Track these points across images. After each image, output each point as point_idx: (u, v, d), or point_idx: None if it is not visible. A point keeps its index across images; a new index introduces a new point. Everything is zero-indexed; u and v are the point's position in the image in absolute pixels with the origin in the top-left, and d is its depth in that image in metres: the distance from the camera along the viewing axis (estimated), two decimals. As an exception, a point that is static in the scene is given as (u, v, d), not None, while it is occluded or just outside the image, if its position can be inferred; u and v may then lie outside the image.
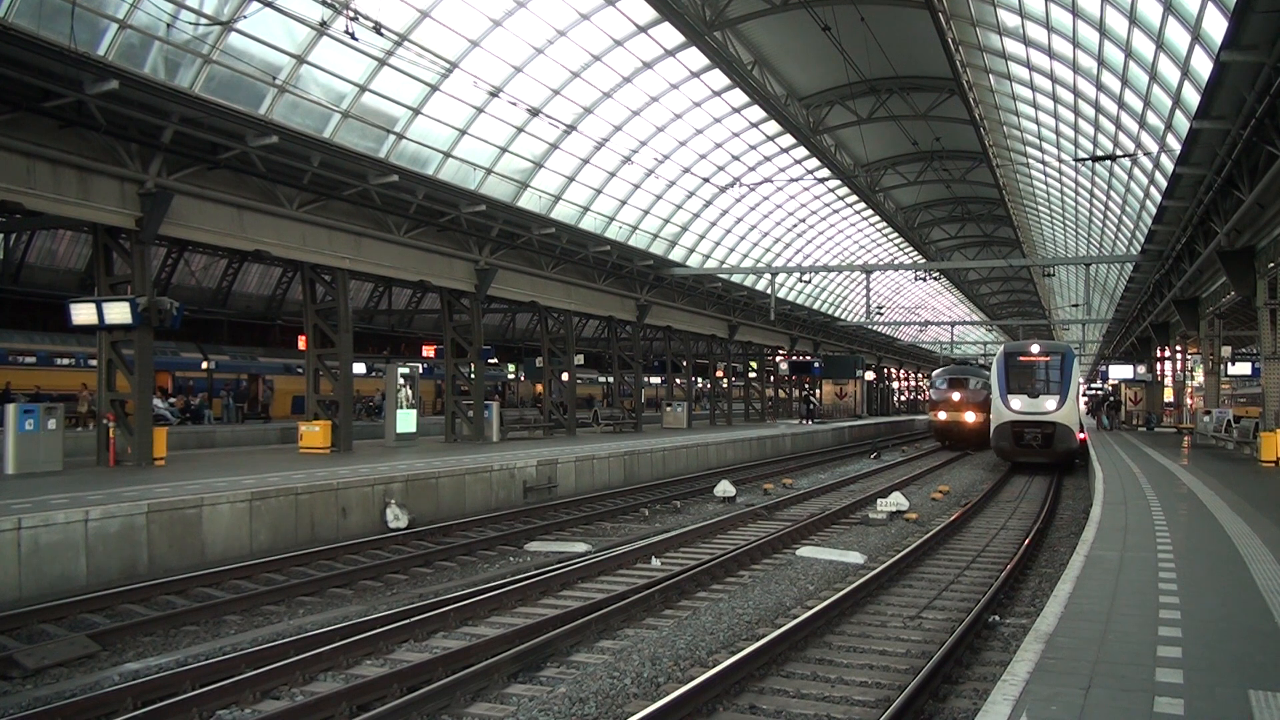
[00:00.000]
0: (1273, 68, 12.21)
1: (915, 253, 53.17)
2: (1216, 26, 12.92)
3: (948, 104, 30.00)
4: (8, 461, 15.69)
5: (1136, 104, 19.96)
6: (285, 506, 13.78)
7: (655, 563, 12.92)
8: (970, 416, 37.09)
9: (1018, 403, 27.41)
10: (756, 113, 29.77)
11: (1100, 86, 21.25)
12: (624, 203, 31.27)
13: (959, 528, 16.12)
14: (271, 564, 12.32)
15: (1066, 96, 24.18)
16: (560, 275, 29.99)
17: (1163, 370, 43.46)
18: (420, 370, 33.20)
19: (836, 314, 55.96)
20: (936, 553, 13.82)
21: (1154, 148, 21.06)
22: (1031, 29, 21.62)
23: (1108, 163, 25.10)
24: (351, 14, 15.65)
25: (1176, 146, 17.76)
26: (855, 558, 13.10)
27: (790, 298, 47.30)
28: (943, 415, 38.33)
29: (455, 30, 20.54)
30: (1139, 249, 28.31)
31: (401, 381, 24.70)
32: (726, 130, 30.89)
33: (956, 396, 37.80)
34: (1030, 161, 34.51)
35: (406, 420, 24.48)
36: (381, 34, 16.82)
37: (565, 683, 7.63)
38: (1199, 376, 36.91)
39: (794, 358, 51.27)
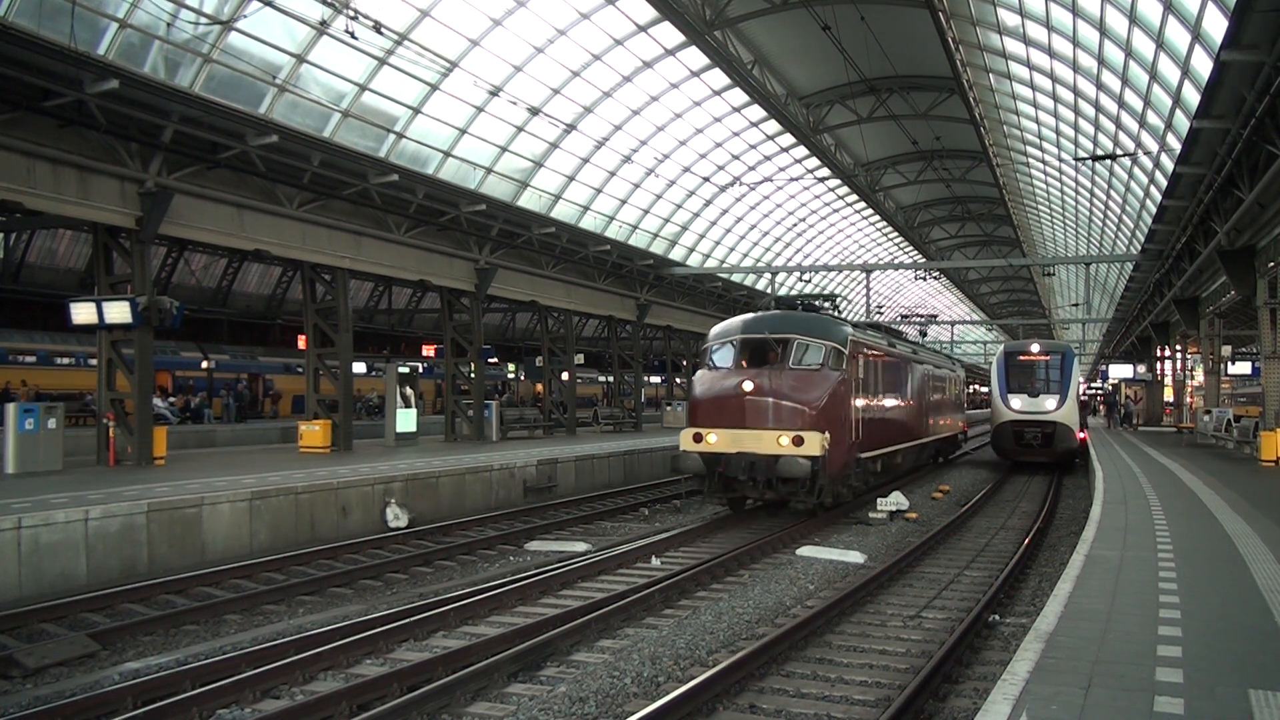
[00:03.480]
0: (1273, 67, 12.21)
1: (915, 252, 53.19)
2: (1216, 26, 12.93)
3: (948, 103, 30.00)
4: (8, 461, 15.70)
5: (1136, 103, 19.96)
6: (285, 506, 13.78)
7: (655, 562, 12.92)
8: (785, 439, 14.98)
9: (1018, 402, 27.40)
10: (756, 112, 29.77)
11: (1100, 86, 21.25)
12: (624, 202, 31.27)
13: (959, 527, 16.12)
14: (271, 563, 12.32)
15: (1066, 96, 24.18)
16: (560, 275, 29.99)
17: (1163, 370, 43.46)
18: (420, 370, 33.23)
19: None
20: (937, 552, 13.82)
21: (1154, 147, 21.06)
22: (1031, 28, 21.63)
23: (1108, 162, 25.10)
24: (351, 13, 15.65)
25: (1176, 146, 17.76)
26: (855, 557, 13.09)
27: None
28: (714, 437, 15.59)
29: (455, 29, 20.55)
30: (1139, 248, 28.31)
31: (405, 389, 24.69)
32: (726, 129, 30.89)
33: (750, 386, 15.50)
34: (1030, 161, 34.52)
35: (406, 420, 24.48)
36: (381, 33, 16.83)
37: (565, 682, 7.63)
38: (1199, 376, 36.89)
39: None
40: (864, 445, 17.07)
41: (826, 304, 19.66)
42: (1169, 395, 43.23)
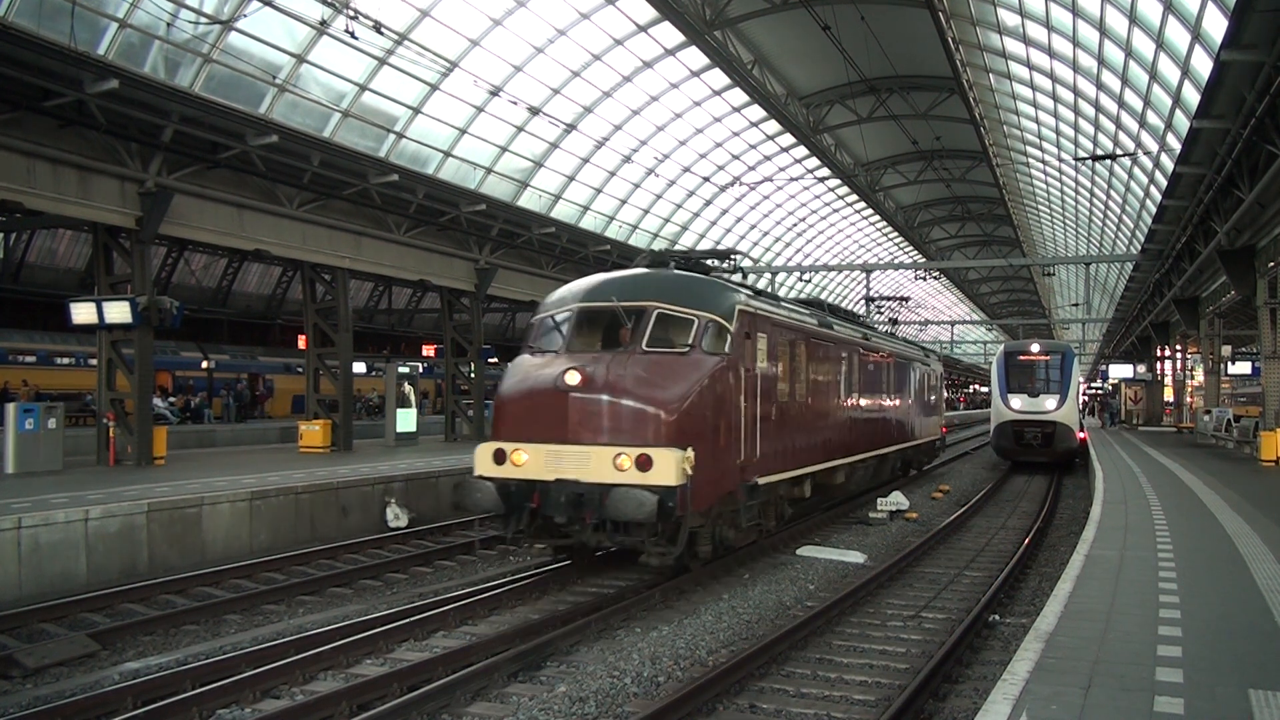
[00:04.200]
0: (1273, 67, 12.21)
1: (915, 252, 53.21)
2: (1216, 26, 12.94)
3: (948, 103, 30.01)
4: (8, 461, 15.69)
5: (1136, 103, 19.97)
6: (285, 506, 13.78)
7: (653, 561, 12.85)
8: (626, 460, 9.75)
9: (1018, 402, 27.40)
10: (756, 112, 29.78)
11: (1100, 86, 21.26)
12: (624, 202, 31.28)
13: (959, 527, 16.12)
14: (271, 563, 12.32)
15: (1066, 96, 24.19)
16: (560, 274, 29.93)
17: (1163, 369, 43.47)
18: (420, 369, 33.23)
19: (836, 313, 55.98)
20: (937, 552, 13.82)
21: (1154, 147, 21.07)
22: (1031, 28, 21.64)
23: (1108, 162, 25.11)
24: (351, 13, 15.65)
25: (1176, 146, 17.77)
26: (855, 557, 13.09)
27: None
28: (524, 456, 10.17)
29: (455, 29, 20.57)
30: (1139, 248, 28.31)
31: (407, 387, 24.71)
32: (726, 129, 30.91)
33: (576, 378, 10.04)
34: (1030, 161, 34.53)
35: (406, 420, 24.49)
36: (381, 33, 16.83)
37: (565, 682, 7.63)
38: (1199, 376, 36.89)
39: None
40: (768, 464, 12.12)
41: (719, 262, 13.95)
42: (1169, 395, 43.24)
